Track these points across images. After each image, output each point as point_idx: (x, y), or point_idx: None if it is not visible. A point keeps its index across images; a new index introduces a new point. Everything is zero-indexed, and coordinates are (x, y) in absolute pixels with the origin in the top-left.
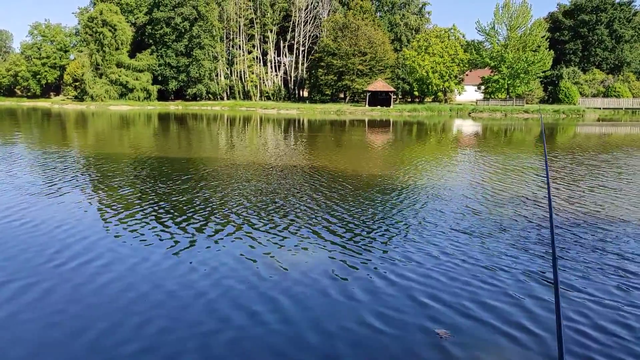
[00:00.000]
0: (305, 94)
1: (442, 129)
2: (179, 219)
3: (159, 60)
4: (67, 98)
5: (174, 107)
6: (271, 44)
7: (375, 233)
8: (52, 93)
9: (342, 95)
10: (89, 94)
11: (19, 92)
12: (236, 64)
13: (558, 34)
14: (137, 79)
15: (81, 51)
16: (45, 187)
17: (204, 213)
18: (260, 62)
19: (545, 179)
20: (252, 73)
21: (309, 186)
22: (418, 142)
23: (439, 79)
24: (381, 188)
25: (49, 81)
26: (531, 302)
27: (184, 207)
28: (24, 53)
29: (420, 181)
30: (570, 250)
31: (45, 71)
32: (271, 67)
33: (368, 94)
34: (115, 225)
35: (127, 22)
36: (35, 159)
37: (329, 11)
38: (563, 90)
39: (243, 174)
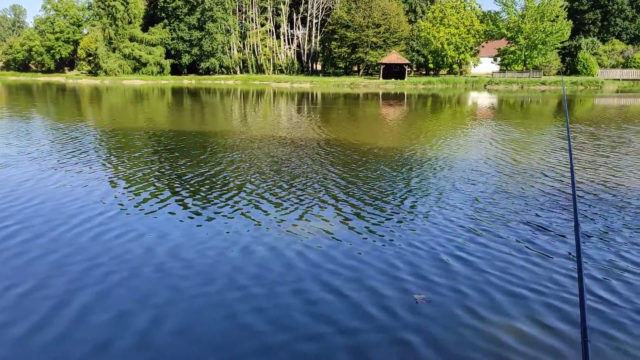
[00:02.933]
0: (319, 67)
1: (457, 101)
2: (191, 191)
3: (171, 34)
4: (81, 73)
5: (187, 81)
6: (284, 16)
7: (387, 203)
8: (66, 68)
9: (355, 68)
10: (103, 68)
11: (33, 67)
12: (249, 37)
13: (577, 3)
14: (150, 53)
15: (94, 25)
16: (60, 160)
17: (217, 185)
18: (273, 35)
19: (568, 150)
20: (265, 46)
21: (322, 159)
22: (433, 115)
23: (454, 50)
24: (395, 160)
25: (63, 56)
26: (552, 274)
27: (197, 180)
28: (38, 28)
29: (435, 153)
30: (593, 221)
31: (59, 46)
32: (284, 40)
33: (382, 67)
34: (127, 196)
35: None
36: (50, 133)
37: None
38: (581, 62)
39: (257, 147)
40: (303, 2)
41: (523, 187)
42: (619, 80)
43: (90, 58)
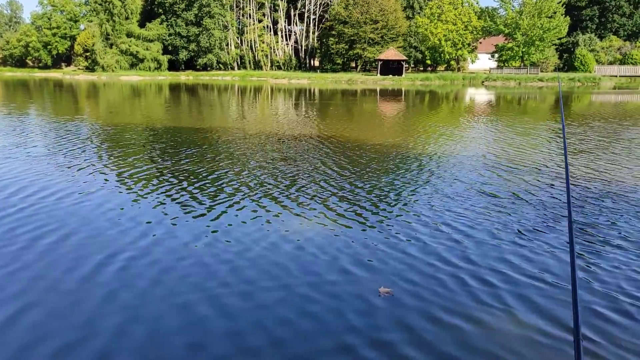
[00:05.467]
0: (317, 63)
1: (454, 98)
2: (188, 188)
3: (168, 30)
4: (78, 68)
5: (185, 77)
6: (282, 12)
7: (385, 200)
8: (63, 64)
9: (353, 65)
10: (100, 64)
11: (30, 63)
12: (246, 33)
13: None
14: (147, 49)
15: (91, 21)
16: (57, 157)
17: (214, 182)
18: (270, 31)
19: (562, 146)
20: (263, 42)
21: (320, 155)
22: (430, 112)
23: (451, 47)
24: (392, 157)
25: (60, 51)
26: (546, 271)
27: (194, 177)
28: (35, 23)
29: (432, 150)
30: (587, 217)
31: (56, 41)
32: (282, 36)
33: (380, 63)
34: (126, 193)
35: None
36: (47, 129)
37: None
38: (579, 58)
39: (254, 144)
40: None
41: (517, 183)
42: (616, 76)
43: (87, 54)
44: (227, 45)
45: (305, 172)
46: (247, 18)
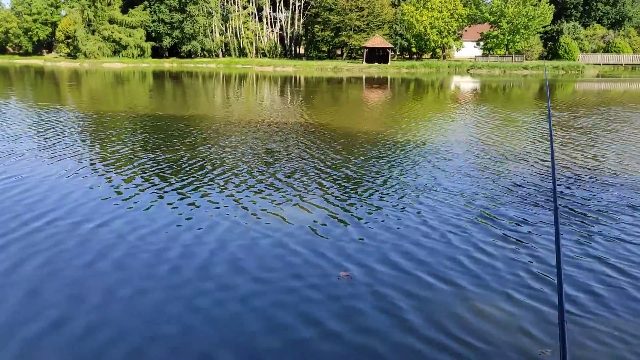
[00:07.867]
0: (302, 50)
1: (440, 86)
2: (172, 177)
3: (152, 16)
4: (60, 55)
5: (169, 64)
6: None
7: (369, 188)
8: (44, 50)
9: (339, 52)
10: (82, 51)
11: (10, 50)
12: (231, 19)
13: None
14: (130, 36)
15: (72, 7)
16: (39, 145)
17: (198, 170)
18: (255, 18)
19: (548, 134)
20: (248, 29)
21: (305, 143)
22: (416, 99)
23: (437, 35)
24: (378, 145)
25: (41, 38)
26: (530, 256)
27: (178, 165)
28: (15, 9)
29: (417, 138)
30: (572, 204)
31: (37, 28)
32: (267, 23)
33: (365, 51)
34: (108, 182)
35: None
36: (29, 117)
37: None
38: (563, 46)
39: (239, 132)
40: None
41: (502, 170)
42: (599, 65)
43: (69, 40)
44: (211, 32)
45: (294, 162)
46: (231, 4)
